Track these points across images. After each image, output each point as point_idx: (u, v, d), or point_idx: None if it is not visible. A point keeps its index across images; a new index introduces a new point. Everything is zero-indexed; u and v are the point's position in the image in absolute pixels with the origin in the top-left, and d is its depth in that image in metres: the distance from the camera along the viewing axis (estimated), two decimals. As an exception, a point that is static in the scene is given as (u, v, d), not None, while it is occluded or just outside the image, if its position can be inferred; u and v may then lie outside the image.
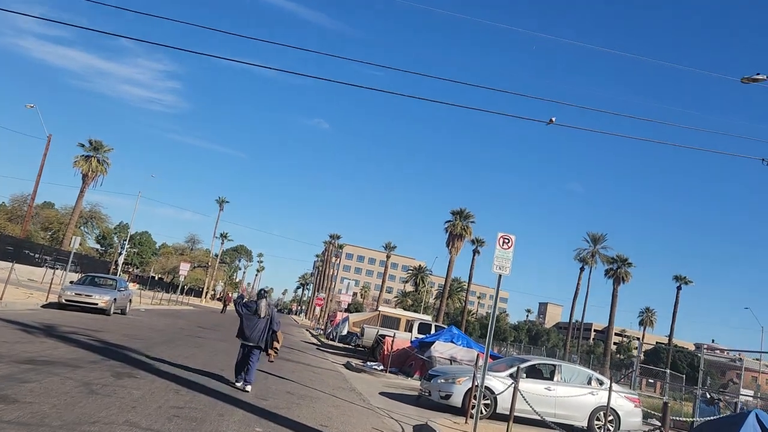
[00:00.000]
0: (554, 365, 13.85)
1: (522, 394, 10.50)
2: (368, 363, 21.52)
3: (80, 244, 72.43)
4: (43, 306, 19.94)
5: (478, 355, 20.60)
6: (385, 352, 20.97)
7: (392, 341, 19.64)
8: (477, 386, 12.22)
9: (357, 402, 11.45)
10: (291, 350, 21.20)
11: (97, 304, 19.72)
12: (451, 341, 20.03)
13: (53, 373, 7.79)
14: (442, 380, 13.02)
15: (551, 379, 13.51)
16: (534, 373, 13.68)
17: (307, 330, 50.42)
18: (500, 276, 10.14)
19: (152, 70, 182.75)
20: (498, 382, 12.61)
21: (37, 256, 44.37)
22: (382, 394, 14.04)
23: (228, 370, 11.66)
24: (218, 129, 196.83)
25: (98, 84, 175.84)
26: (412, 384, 17.79)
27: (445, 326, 27.49)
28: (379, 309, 29.74)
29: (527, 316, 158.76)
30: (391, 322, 28.87)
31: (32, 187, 43.03)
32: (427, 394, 13.33)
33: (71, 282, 22.36)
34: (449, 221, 61.33)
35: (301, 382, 12.57)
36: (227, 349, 16.20)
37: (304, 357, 20.03)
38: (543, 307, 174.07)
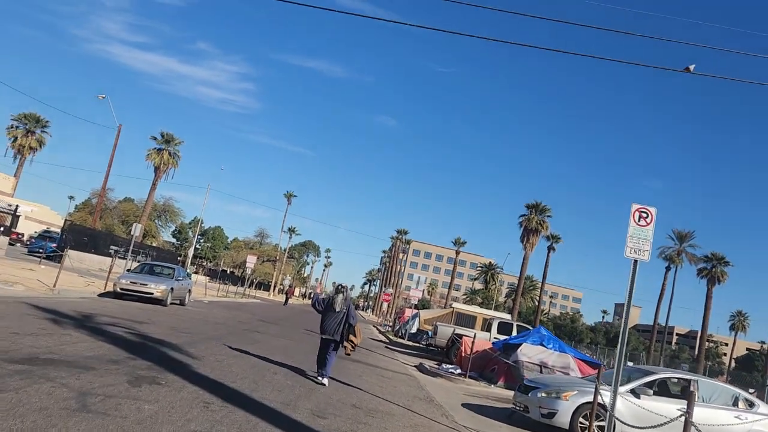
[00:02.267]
0: (689, 380, 10.90)
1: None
2: (443, 365, 19.12)
3: (154, 236, 74.52)
4: (100, 295, 18.92)
5: (573, 360, 17.86)
6: (463, 354, 18.50)
7: (472, 342, 17.14)
8: (591, 403, 9.60)
9: (439, 419, 9.10)
10: (358, 348, 19.11)
11: (152, 293, 18.44)
12: (541, 344, 17.28)
13: (48, 377, 5.93)
14: (543, 394, 10.42)
15: (685, 397, 10.60)
16: (662, 389, 10.82)
17: (374, 326, 48.57)
18: (636, 263, 7.47)
19: (227, 72, 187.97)
20: (618, 399, 9.86)
21: (114, 248, 45.07)
22: (465, 406, 11.63)
23: (281, 374, 9.62)
24: (288, 127, 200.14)
25: (176, 86, 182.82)
26: (496, 393, 15.25)
27: (527, 326, 24.61)
28: (453, 306, 27.19)
29: (603, 317, 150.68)
30: (466, 320, 26.30)
31: (111, 181, 43.55)
32: (522, 409, 10.79)
33: (128, 270, 21.30)
34: (524, 215, 57.78)
35: (370, 390, 10.36)
36: (286, 347, 14.27)
37: (372, 357, 17.90)
38: (619, 308, 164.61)
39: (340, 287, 10.22)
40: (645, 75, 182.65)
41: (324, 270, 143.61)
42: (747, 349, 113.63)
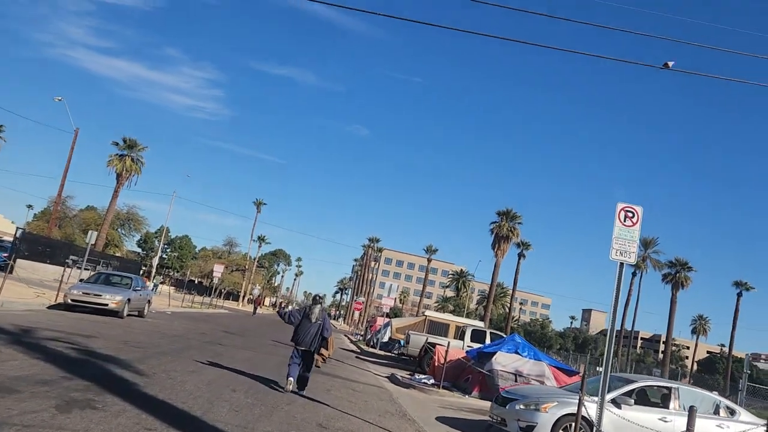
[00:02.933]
0: (669, 388, 10.46)
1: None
2: (416, 376, 18.46)
3: (117, 246, 72.13)
4: (50, 307, 17.68)
5: (548, 368, 17.42)
6: (436, 364, 17.88)
7: (446, 351, 16.53)
8: (571, 415, 9.07)
9: (412, 437, 8.43)
10: (329, 360, 18.31)
11: (107, 305, 17.31)
12: (516, 352, 16.80)
13: (-44, 404, 5.06)
14: (522, 406, 9.85)
15: (665, 406, 10.17)
16: (643, 398, 10.37)
17: (345, 335, 47.64)
18: (622, 266, 6.96)
19: (196, 78, 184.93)
20: (592, 407, 9.35)
21: (73, 258, 43.17)
22: (440, 419, 10.98)
23: (241, 391, 8.81)
24: (258, 136, 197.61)
25: (143, 92, 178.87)
26: (471, 403, 14.66)
27: (500, 334, 24.18)
28: (425, 314, 26.59)
29: (571, 322, 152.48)
30: (439, 329, 25.71)
31: (72, 189, 41.76)
32: (499, 422, 10.20)
33: (80, 280, 20.07)
34: (495, 222, 57.84)
35: (339, 406, 9.62)
36: (250, 360, 13.41)
37: (342, 368, 17.13)
38: (587, 314, 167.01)
39: (317, 298, 10.38)
40: (611, 81, 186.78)
41: (295, 279, 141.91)
42: (708, 352, 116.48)
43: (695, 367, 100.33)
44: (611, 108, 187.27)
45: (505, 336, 21.69)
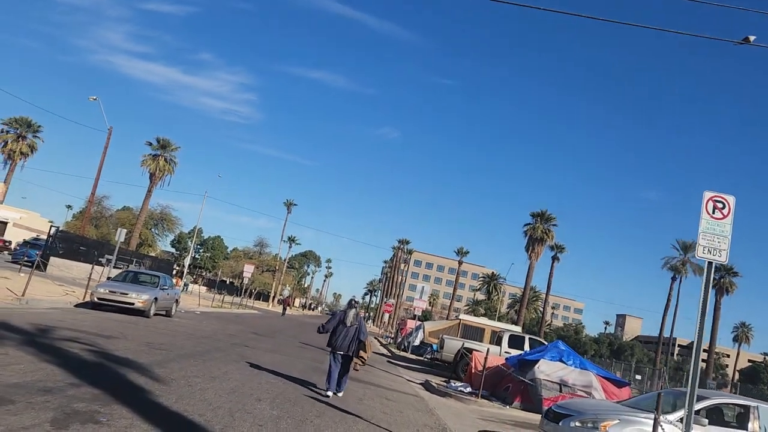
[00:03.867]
0: (747, 407, 9.24)
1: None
2: (452, 383, 17.46)
3: (150, 245, 72.84)
4: (77, 305, 17.32)
5: (596, 378, 16.19)
6: (474, 371, 16.85)
7: (485, 357, 15.49)
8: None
9: (456, 457, 7.47)
10: (362, 366, 17.47)
11: (133, 304, 16.82)
12: (560, 360, 15.64)
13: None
14: (578, 423, 8.79)
15: (743, 427, 8.97)
16: (716, 417, 9.18)
17: (376, 338, 46.79)
18: (711, 266, 5.89)
19: (230, 83, 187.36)
20: (667, 429, 8.23)
21: (108, 257, 43.44)
22: (483, 435, 10.00)
23: (267, 401, 8.01)
24: (290, 138, 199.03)
25: (179, 96, 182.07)
26: (513, 415, 13.61)
27: (540, 340, 22.95)
28: (459, 317, 25.51)
29: (605, 328, 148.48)
30: (474, 333, 24.63)
31: (109, 189, 42.14)
32: (550, 440, 9.18)
33: (108, 278, 19.68)
34: (529, 224, 56.39)
35: (373, 418, 8.73)
36: (277, 365, 12.63)
37: (374, 374, 16.25)
38: (621, 319, 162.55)
39: (352, 302, 10.45)
40: (646, 83, 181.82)
41: (324, 280, 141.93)
42: (749, 360, 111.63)
43: (737, 376, 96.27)
44: (646, 108, 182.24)
45: (546, 343, 20.49)
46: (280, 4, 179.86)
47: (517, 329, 25.48)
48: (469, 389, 16.24)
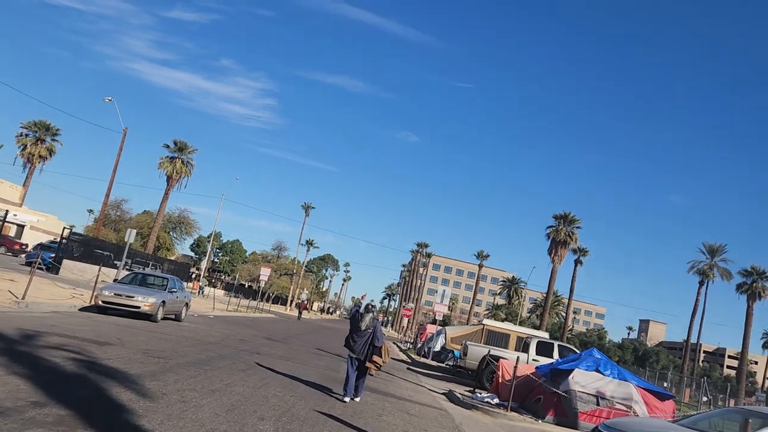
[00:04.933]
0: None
1: None
2: (477, 393, 16.25)
3: (168, 249, 72.65)
4: (82, 309, 16.49)
5: (636, 390, 14.84)
6: (501, 380, 15.61)
7: (515, 366, 14.26)
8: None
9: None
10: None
11: (139, 307, 15.94)
12: (597, 370, 14.34)
13: None
14: (631, 447, 7.58)
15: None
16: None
17: (394, 343, 45.63)
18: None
19: (251, 88, 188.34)
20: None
21: (127, 259, 43.03)
22: (517, 457, 8.80)
23: (270, 420, 6.93)
24: (309, 143, 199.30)
25: (200, 102, 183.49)
26: (548, 430, 12.38)
27: (571, 347, 21.57)
28: (483, 322, 24.25)
29: (628, 333, 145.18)
30: (498, 339, 23.35)
31: (128, 192, 41.74)
32: (596, 464, 7.96)
33: (114, 280, 18.85)
34: (551, 226, 54.87)
35: (392, 439, 7.61)
36: (288, 374, 11.55)
37: (393, 383, 15.12)
38: (644, 325, 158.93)
39: (369, 307, 10.37)
40: (676, 81, 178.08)
41: (343, 284, 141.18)
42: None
43: (767, 384, 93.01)
44: (672, 111, 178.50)
45: (577, 350, 19.15)
46: (299, 10, 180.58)
47: (545, 335, 24.14)
48: (496, 400, 15.03)
